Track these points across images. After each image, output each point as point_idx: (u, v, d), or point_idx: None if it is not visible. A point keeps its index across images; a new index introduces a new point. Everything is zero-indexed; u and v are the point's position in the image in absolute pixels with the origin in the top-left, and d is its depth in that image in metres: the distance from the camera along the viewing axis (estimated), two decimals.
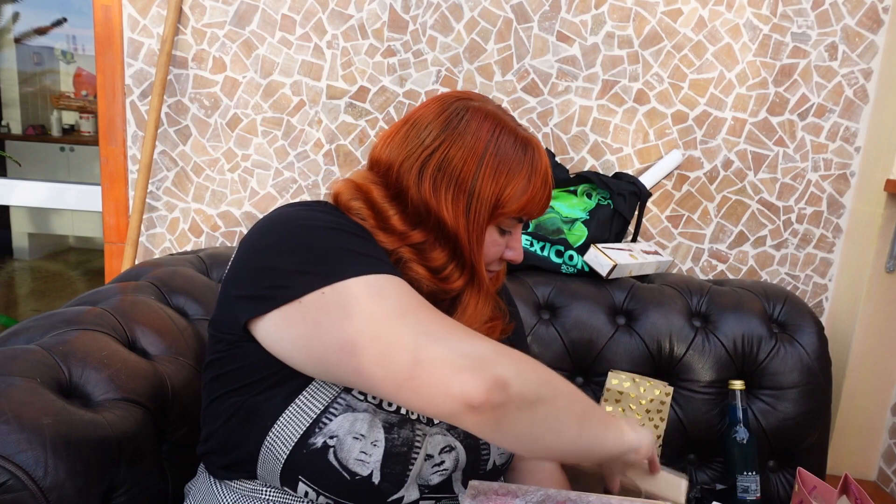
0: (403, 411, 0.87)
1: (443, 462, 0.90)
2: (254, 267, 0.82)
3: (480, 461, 0.95)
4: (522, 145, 0.92)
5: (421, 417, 0.89)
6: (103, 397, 0.96)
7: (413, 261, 0.90)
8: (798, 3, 1.75)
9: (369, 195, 0.90)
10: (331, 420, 0.82)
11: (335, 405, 0.83)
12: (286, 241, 0.81)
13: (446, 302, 0.94)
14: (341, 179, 0.95)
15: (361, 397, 0.85)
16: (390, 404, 0.86)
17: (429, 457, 0.89)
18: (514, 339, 1.15)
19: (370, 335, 0.72)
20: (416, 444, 0.86)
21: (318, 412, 0.82)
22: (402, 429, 0.85)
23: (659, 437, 1.53)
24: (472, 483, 0.85)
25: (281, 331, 0.78)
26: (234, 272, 0.85)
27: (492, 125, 0.91)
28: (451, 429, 0.93)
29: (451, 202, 0.89)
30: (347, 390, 0.85)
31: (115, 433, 0.91)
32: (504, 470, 1.02)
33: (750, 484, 1.48)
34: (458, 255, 0.91)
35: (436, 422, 0.91)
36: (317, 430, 0.82)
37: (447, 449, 0.91)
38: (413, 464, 0.85)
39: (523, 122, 1.83)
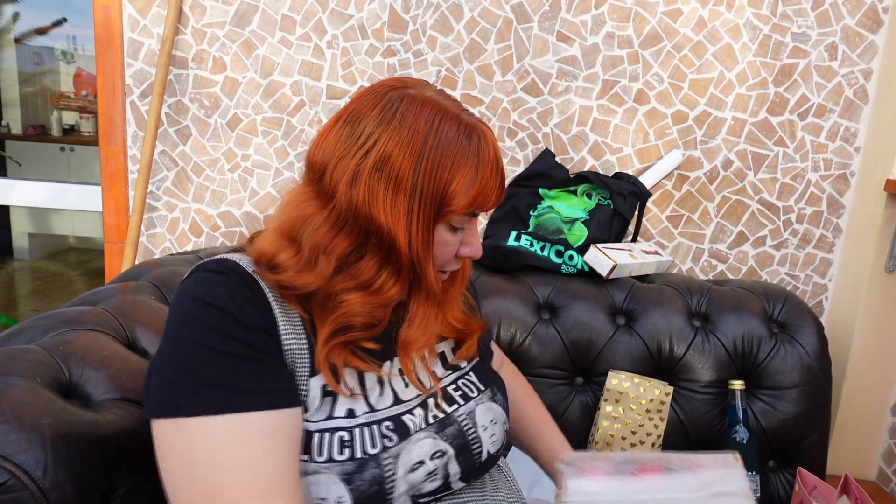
0: (359, 454, 0.81)
1: (434, 470, 0.86)
2: (152, 362, 0.80)
3: (473, 455, 0.92)
4: (466, 133, 0.83)
5: (385, 442, 0.83)
6: (103, 397, 0.96)
7: (343, 292, 0.83)
8: (798, 4, 1.75)
9: (292, 245, 0.83)
10: None
11: None
12: (165, 348, 0.78)
13: (385, 320, 0.87)
14: (267, 230, 0.87)
15: (306, 458, 0.80)
16: (341, 452, 0.80)
17: (420, 464, 0.85)
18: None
19: (176, 481, 0.74)
20: (388, 472, 0.82)
21: None
22: (363, 472, 0.80)
23: (659, 437, 1.53)
24: (566, 454, 0.86)
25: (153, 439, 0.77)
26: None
27: (430, 114, 0.82)
28: (440, 431, 0.89)
29: (389, 204, 0.80)
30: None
31: (116, 433, 0.91)
32: (498, 456, 0.99)
33: (750, 484, 1.48)
34: (391, 260, 0.83)
35: (422, 426, 0.88)
36: None
37: (438, 454, 0.87)
38: (392, 493, 0.82)
39: (523, 122, 1.83)
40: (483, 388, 0.99)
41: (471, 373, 1.01)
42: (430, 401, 0.92)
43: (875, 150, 1.77)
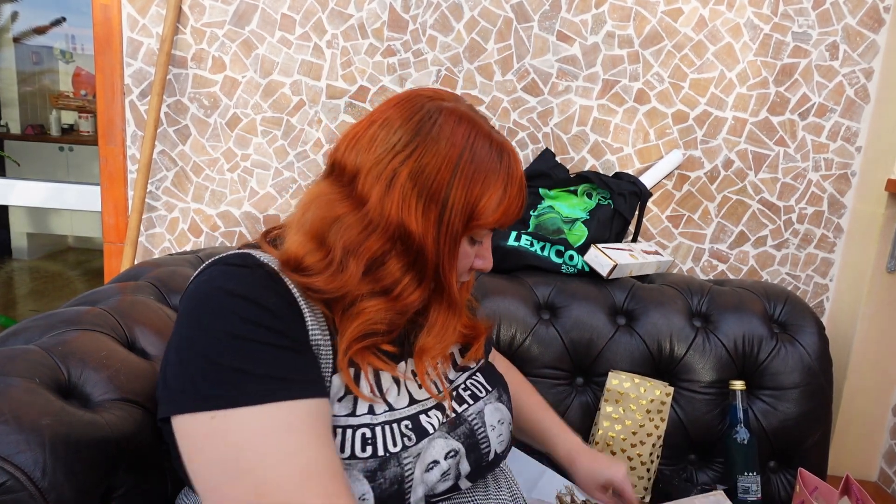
0: (381, 452, 0.81)
1: (448, 470, 0.88)
2: (168, 358, 0.78)
3: (482, 455, 0.93)
4: (498, 151, 0.86)
5: (405, 441, 0.84)
6: (102, 398, 0.96)
7: (365, 297, 0.83)
8: (799, 3, 1.75)
9: (325, 245, 0.83)
10: None
11: None
12: (192, 341, 0.76)
13: (402, 327, 0.88)
14: (292, 231, 0.86)
15: None
16: (364, 449, 0.80)
17: (435, 463, 0.86)
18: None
19: (215, 476, 0.71)
20: (408, 472, 0.82)
21: None
22: (385, 470, 0.80)
23: (659, 437, 1.52)
24: None
25: (178, 436, 0.74)
26: (166, 353, 0.80)
27: (467, 130, 0.84)
28: (452, 430, 0.91)
29: (421, 213, 0.82)
30: None
31: (115, 434, 0.91)
32: (504, 456, 1.00)
33: (751, 485, 1.48)
34: (416, 267, 0.84)
35: (435, 428, 0.89)
36: None
37: (451, 454, 0.89)
38: (410, 493, 0.82)
39: (523, 121, 1.83)
40: (490, 389, 1.01)
41: (478, 373, 1.03)
42: (444, 402, 0.94)
43: (876, 150, 1.77)
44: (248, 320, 0.76)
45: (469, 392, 0.98)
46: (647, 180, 1.80)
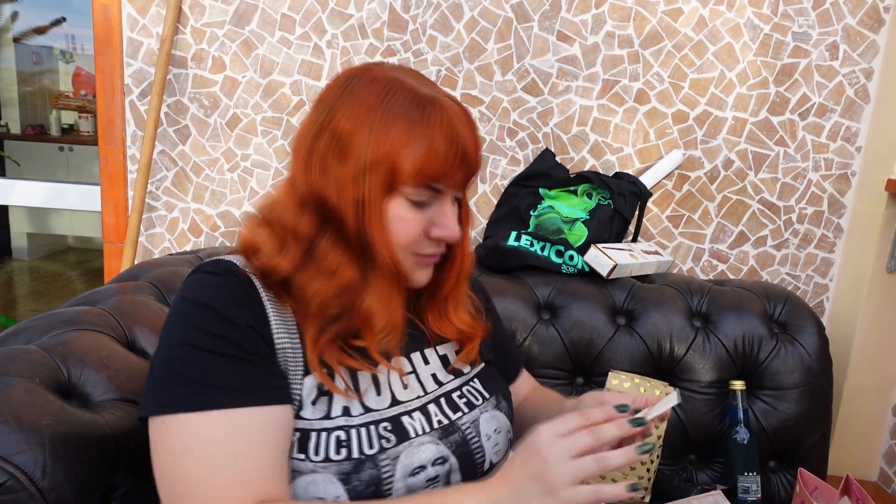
0: (355, 454, 0.80)
1: (436, 477, 0.85)
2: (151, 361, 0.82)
3: (476, 465, 0.90)
4: (419, 104, 0.80)
5: (383, 443, 0.83)
6: (102, 398, 0.96)
7: (310, 281, 0.83)
8: (799, 3, 1.75)
9: (262, 234, 0.85)
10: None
11: None
12: (158, 348, 0.81)
13: (355, 311, 0.85)
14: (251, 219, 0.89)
15: (302, 456, 0.80)
16: (338, 452, 0.80)
17: (421, 468, 0.84)
18: (496, 338, 1.11)
19: (162, 478, 0.77)
20: (386, 474, 0.81)
21: None
22: (360, 472, 0.79)
23: (659, 437, 1.52)
24: None
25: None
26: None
27: (382, 87, 0.81)
28: (444, 437, 0.88)
29: (338, 179, 0.80)
30: (289, 455, 0.80)
31: (115, 434, 0.91)
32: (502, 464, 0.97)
33: (751, 485, 1.47)
34: (343, 238, 0.82)
35: (424, 430, 0.87)
36: None
37: (440, 461, 0.86)
38: (391, 495, 0.81)
39: (523, 121, 1.83)
40: (488, 396, 0.98)
41: (475, 379, 0.99)
42: (432, 407, 0.91)
43: (876, 150, 1.77)
44: (204, 330, 0.78)
45: (465, 400, 0.95)
46: (647, 180, 1.80)
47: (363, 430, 0.83)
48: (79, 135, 5.45)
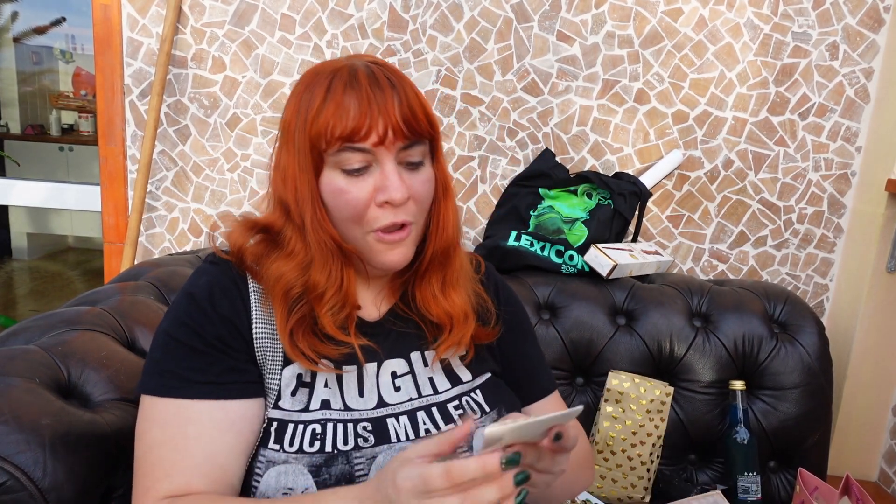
0: (328, 448, 0.81)
1: None
2: None
3: None
4: (332, 73, 0.83)
5: (359, 441, 0.82)
6: (102, 397, 0.96)
7: (272, 263, 0.87)
8: (799, 3, 1.75)
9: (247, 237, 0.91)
10: (259, 481, 0.81)
11: (258, 464, 0.82)
12: (156, 332, 0.86)
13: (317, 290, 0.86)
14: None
15: (277, 447, 0.81)
16: (312, 444, 0.81)
17: None
18: (516, 337, 1.05)
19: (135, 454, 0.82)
20: (359, 472, 0.81)
21: (245, 473, 0.83)
22: (331, 467, 0.80)
23: (659, 437, 1.52)
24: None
25: None
26: None
27: (313, 73, 0.85)
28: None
29: (285, 168, 0.86)
30: (264, 443, 0.82)
31: (115, 433, 0.91)
32: None
33: (751, 485, 1.48)
34: (293, 220, 0.86)
35: (409, 436, 0.85)
36: (251, 493, 0.82)
37: None
38: None
39: (523, 121, 1.83)
40: (489, 410, 0.92)
41: (478, 391, 0.94)
42: (421, 414, 0.88)
43: (876, 150, 1.77)
44: (181, 321, 0.84)
45: (461, 411, 0.90)
46: (647, 180, 1.80)
47: (339, 426, 0.83)
48: (79, 135, 5.45)
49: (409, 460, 0.65)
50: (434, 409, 0.90)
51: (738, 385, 1.50)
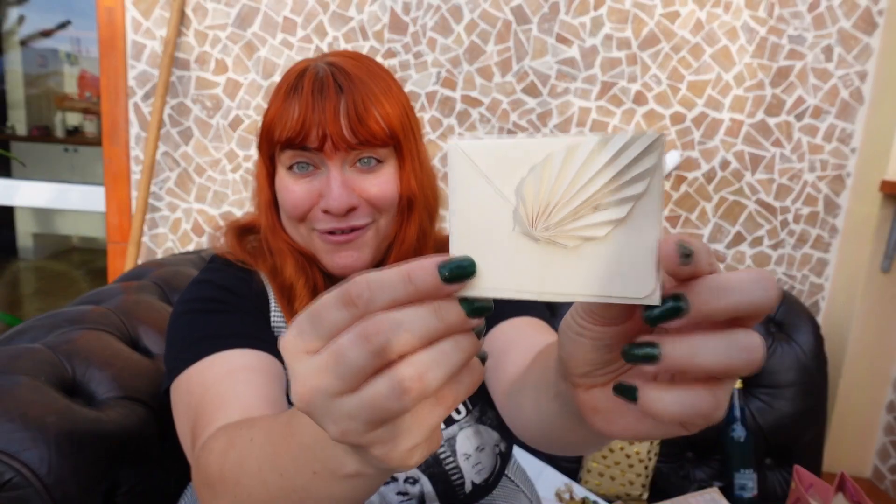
0: None
1: (406, 492, 0.81)
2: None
3: (454, 486, 0.84)
4: (294, 73, 0.82)
5: None
6: (107, 396, 0.98)
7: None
8: (794, 6, 1.76)
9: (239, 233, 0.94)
10: None
11: None
12: (169, 325, 0.85)
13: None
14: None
15: None
16: None
17: (392, 479, 0.81)
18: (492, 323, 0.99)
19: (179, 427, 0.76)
20: None
21: None
22: None
23: None
24: None
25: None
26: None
27: (287, 71, 0.85)
28: None
29: (256, 164, 0.89)
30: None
31: (119, 431, 0.92)
32: (492, 484, 0.89)
33: (747, 481, 1.49)
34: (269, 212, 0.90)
35: None
36: None
37: (410, 480, 0.82)
38: None
39: (523, 122, 1.85)
40: (471, 407, 0.89)
41: None
42: None
43: (870, 152, 1.78)
44: (198, 298, 0.84)
45: None
46: None
47: None
48: (83, 136, 5.46)
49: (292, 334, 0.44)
50: None
51: (735, 383, 1.51)
